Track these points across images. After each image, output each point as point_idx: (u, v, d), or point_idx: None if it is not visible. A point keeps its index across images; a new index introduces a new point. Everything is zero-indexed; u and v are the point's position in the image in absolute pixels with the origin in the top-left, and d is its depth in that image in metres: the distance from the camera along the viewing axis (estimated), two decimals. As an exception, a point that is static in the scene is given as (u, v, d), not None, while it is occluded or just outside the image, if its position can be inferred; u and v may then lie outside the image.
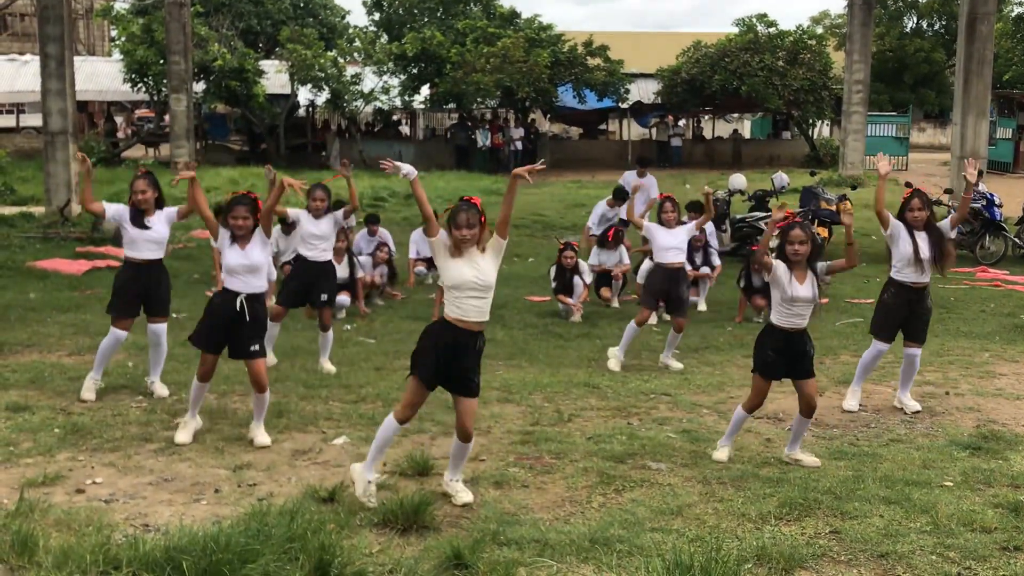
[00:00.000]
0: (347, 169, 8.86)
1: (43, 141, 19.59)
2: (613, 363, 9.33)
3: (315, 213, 9.05)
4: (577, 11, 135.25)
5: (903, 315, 7.84)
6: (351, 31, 38.86)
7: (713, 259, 13.06)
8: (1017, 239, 17.25)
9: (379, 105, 35.51)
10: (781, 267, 6.40)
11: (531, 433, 6.99)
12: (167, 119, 31.14)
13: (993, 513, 5.43)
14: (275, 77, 33.72)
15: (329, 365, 9.00)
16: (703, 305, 12.71)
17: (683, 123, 39.85)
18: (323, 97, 34.22)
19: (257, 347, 6.73)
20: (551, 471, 6.19)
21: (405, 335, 10.50)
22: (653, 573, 4.48)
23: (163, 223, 7.81)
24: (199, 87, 32.18)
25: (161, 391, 7.87)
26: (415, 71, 34.90)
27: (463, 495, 5.63)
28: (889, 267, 7.94)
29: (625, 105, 37.17)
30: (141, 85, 33.44)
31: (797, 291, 6.33)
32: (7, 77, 36.56)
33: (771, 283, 6.43)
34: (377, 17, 38.97)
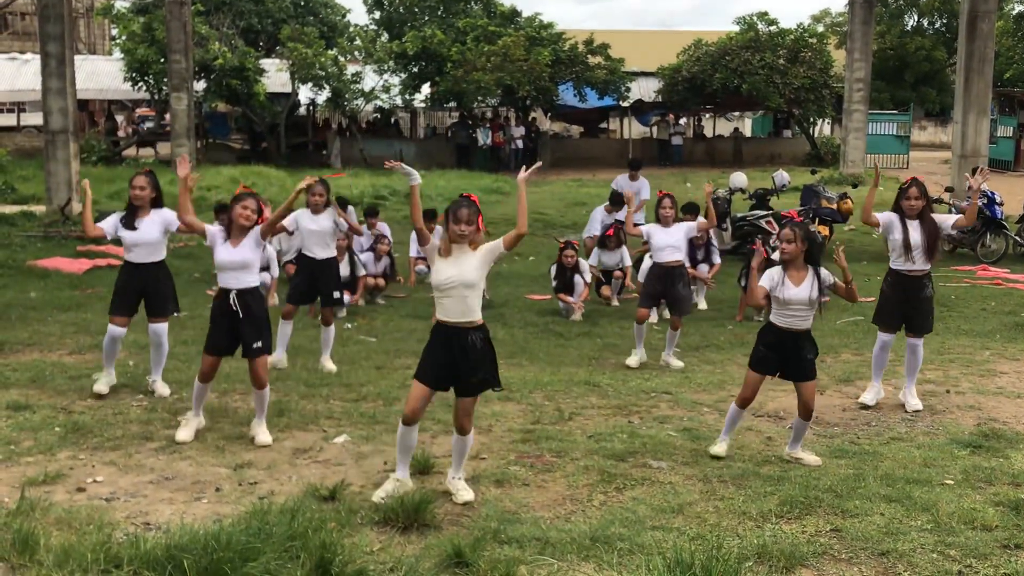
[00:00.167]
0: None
1: (44, 140, 19.58)
2: (633, 360, 9.54)
3: (314, 209, 9.00)
4: (578, 9, 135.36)
5: (902, 305, 7.86)
6: (352, 30, 38.86)
7: (714, 257, 13.07)
8: (1018, 237, 17.24)
9: (380, 104, 35.51)
10: (774, 270, 6.40)
11: (532, 431, 6.99)
12: (167, 118, 31.14)
13: (994, 511, 5.43)
14: (276, 76, 33.72)
15: (330, 364, 8.98)
16: (703, 303, 12.71)
17: (684, 121, 39.81)
18: (324, 96, 34.21)
19: (260, 344, 6.74)
20: (552, 469, 6.19)
21: (406, 334, 10.51)
22: (654, 571, 4.48)
23: (156, 225, 7.76)
24: (200, 86, 32.17)
25: (162, 390, 7.87)
26: (416, 70, 34.89)
27: (464, 493, 5.63)
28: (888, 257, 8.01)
29: (626, 104, 37.16)
30: (142, 84, 33.45)
31: (789, 293, 6.31)
32: (8, 76, 36.55)
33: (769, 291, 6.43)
34: (378, 16, 38.97)
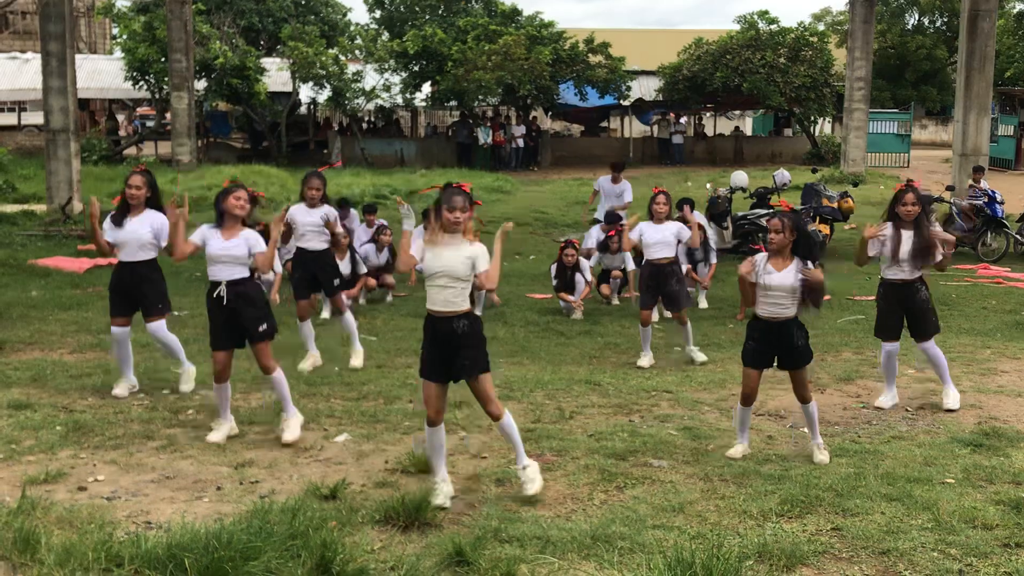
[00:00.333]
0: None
1: (45, 139, 19.60)
2: (643, 361, 9.52)
3: (310, 203, 8.94)
4: (578, 8, 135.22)
5: (899, 313, 7.83)
6: (352, 29, 38.87)
7: (711, 256, 13.02)
8: (1018, 236, 17.23)
9: (380, 103, 35.52)
10: (758, 256, 6.44)
11: (532, 430, 6.99)
12: (168, 117, 31.15)
13: (995, 510, 5.43)
14: (276, 75, 33.74)
15: (358, 358, 9.02)
16: (704, 302, 12.70)
17: (685, 120, 39.79)
18: (324, 95, 34.20)
19: (264, 327, 6.73)
20: (552, 468, 6.19)
21: (407, 332, 10.51)
22: (655, 570, 4.48)
23: (146, 225, 7.73)
24: (201, 85, 32.19)
25: (185, 385, 7.92)
26: (416, 68, 34.88)
27: (527, 486, 5.60)
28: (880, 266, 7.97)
29: (626, 102, 37.15)
30: (142, 83, 33.46)
31: (771, 279, 6.32)
32: (9, 75, 36.56)
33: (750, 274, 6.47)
34: (378, 15, 38.96)
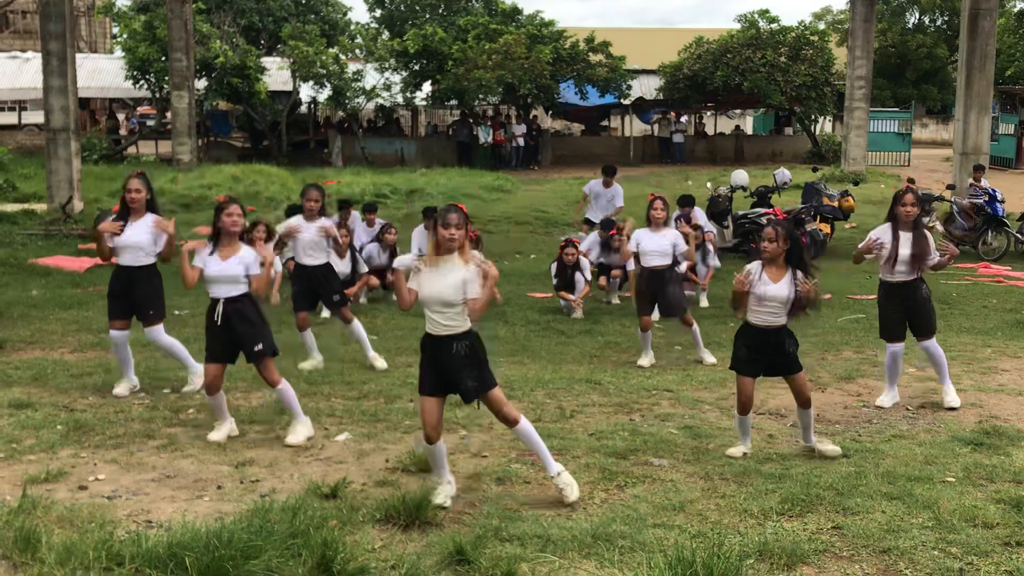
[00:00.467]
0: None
1: (45, 138, 19.61)
2: (644, 360, 9.51)
3: (308, 215, 8.82)
4: (579, 7, 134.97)
5: (900, 313, 7.82)
6: (353, 28, 38.87)
7: (709, 259, 12.98)
8: (1019, 235, 17.23)
9: (381, 102, 35.50)
10: (753, 265, 6.42)
11: (533, 429, 6.99)
12: (168, 116, 31.15)
13: (995, 509, 5.43)
14: (277, 74, 33.72)
15: (379, 361, 8.99)
16: (705, 301, 12.70)
17: (685, 119, 39.79)
18: (325, 94, 34.20)
19: (260, 347, 6.74)
20: (553, 467, 6.18)
21: (407, 332, 10.50)
22: (655, 569, 4.48)
23: (147, 229, 7.70)
24: (201, 84, 32.18)
25: (191, 384, 7.91)
26: (417, 68, 34.86)
27: (568, 491, 5.54)
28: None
29: (627, 101, 37.14)
30: (143, 82, 33.45)
31: (766, 289, 6.34)
32: (9, 74, 36.54)
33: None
34: (379, 14, 38.97)
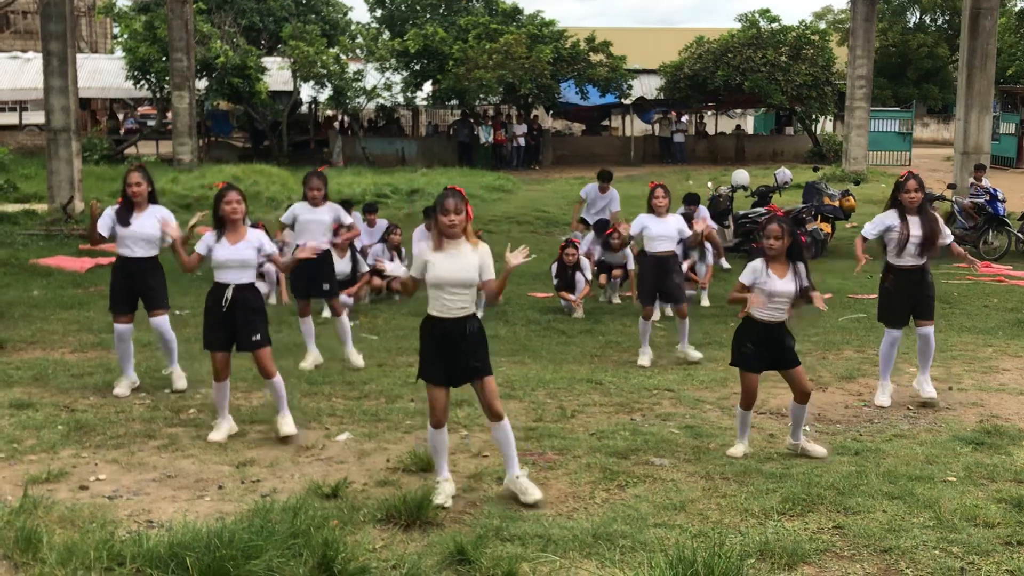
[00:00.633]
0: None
1: (46, 138, 19.62)
2: (643, 359, 9.49)
3: (313, 202, 8.97)
4: (579, 7, 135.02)
5: (906, 299, 7.84)
6: (353, 28, 38.85)
7: (708, 257, 12.98)
8: (1020, 234, 17.22)
9: (381, 102, 35.51)
10: (755, 263, 6.44)
11: (534, 429, 6.99)
12: (169, 116, 31.15)
13: (996, 508, 5.42)
14: (277, 74, 33.72)
15: (356, 357, 8.97)
16: (706, 300, 12.70)
17: (686, 119, 39.79)
18: (325, 94, 34.20)
19: (259, 336, 6.75)
20: (554, 467, 6.19)
21: (408, 331, 10.50)
22: (656, 569, 4.48)
23: (153, 221, 7.73)
24: (202, 84, 32.18)
25: (179, 383, 7.92)
26: (417, 67, 34.87)
27: (531, 492, 5.52)
28: (884, 255, 7.97)
29: (628, 101, 37.13)
30: (143, 82, 33.46)
31: (775, 285, 6.37)
32: (10, 74, 36.56)
33: (753, 284, 6.47)
34: (379, 13, 38.96)
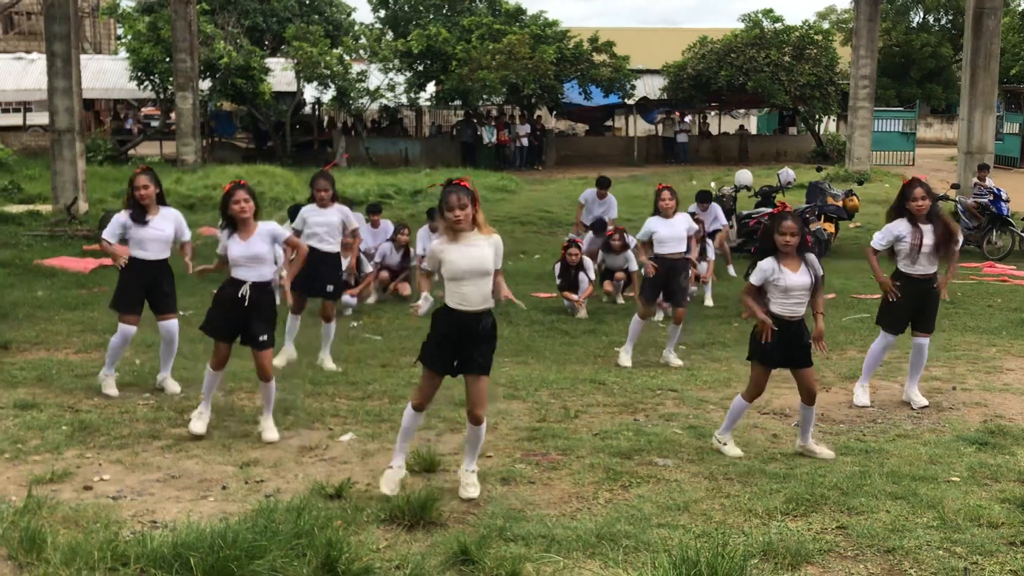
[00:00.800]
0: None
1: (50, 139, 19.64)
2: (624, 359, 9.42)
3: (320, 203, 8.95)
4: (582, 7, 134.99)
5: (911, 307, 7.81)
6: (357, 28, 38.83)
7: (709, 252, 13.00)
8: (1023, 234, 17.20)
9: (385, 102, 35.51)
10: (765, 263, 6.43)
11: (538, 429, 7.00)
12: (173, 116, 31.20)
13: (1000, 508, 5.42)
14: (281, 75, 33.73)
15: (329, 362, 8.90)
16: (709, 300, 12.69)
17: (689, 119, 39.77)
18: (329, 94, 34.22)
19: (266, 337, 6.77)
20: (557, 467, 6.19)
21: (412, 332, 10.50)
22: (659, 569, 4.48)
23: (168, 222, 7.82)
24: (205, 85, 32.21)
25: (172, 387, 7.90)
26: (421, 68, 34.88)
27: (471, 489, 5.64)
28: (895, 260, 7.91)
29: (631, 101, 37.11)
30: (147, 83, 33.49)
31: (790, 280, 6.37)
32: (14, 75, 36.61)
33: (764, 284, 6.47)
34: (383, 14, 38.95)
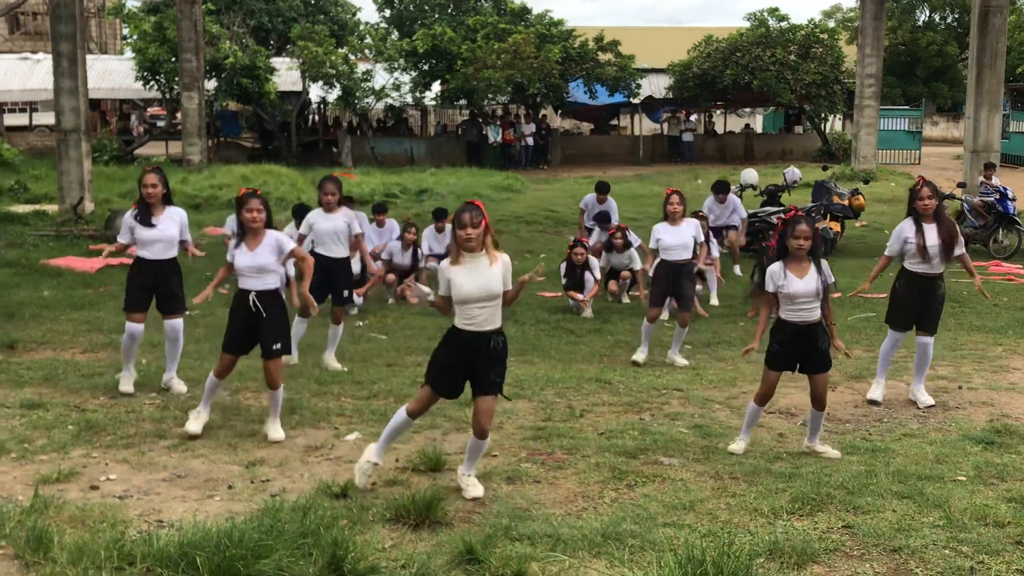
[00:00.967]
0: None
1: (56, 139, 19.67)
2: (640, 356, 9.51)
3: (327, 207, 8.96)
4: (588, 7, 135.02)
5: (915, 304, 7.84)
6: (362, 28, 38.88)
7: (714, 250, 12.99)
8: (1030, 233, 17.15)
9: (390, 102, 35.52)
10: (774, 268, 6.42)
11: (543, 429, 7.00)
12: (179, 116, 31.23)
13: (1006, 507, 5.41)
14: (286, 74, 33.75)
15: (334, 362, 8.92)
16: (715, 299, 12.68)
17: (695, 118, 39.72)
18: (334, 94, 34.23)
19: (279, 346, 6.81)
20: (563, 467, 6.19)
21: (417, 331, 10.52)
22: (665, 568, 4.48)
23: (173, 223, 7.87)
24: (211, 85, 32.25)
25: (179, 387, 7.92)
26: (426, 67, 34.89)
27: (473, 489, 5.67)
28: (901, 258, 7.96)
29: (636, 100, 37.09)
30: (153, 83, 33.54)
31: (795, 287, 6.34)
32: (20, 75, 36.66)
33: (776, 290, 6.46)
34: (388, 14, 38.98)
